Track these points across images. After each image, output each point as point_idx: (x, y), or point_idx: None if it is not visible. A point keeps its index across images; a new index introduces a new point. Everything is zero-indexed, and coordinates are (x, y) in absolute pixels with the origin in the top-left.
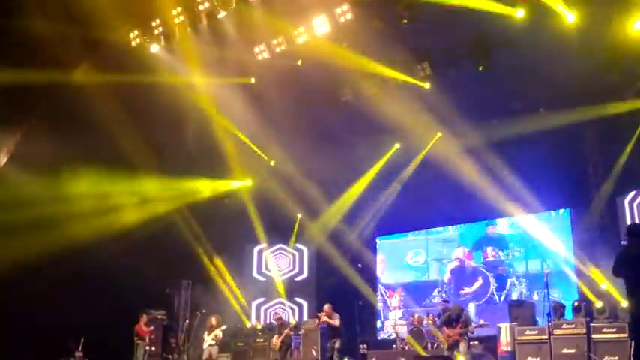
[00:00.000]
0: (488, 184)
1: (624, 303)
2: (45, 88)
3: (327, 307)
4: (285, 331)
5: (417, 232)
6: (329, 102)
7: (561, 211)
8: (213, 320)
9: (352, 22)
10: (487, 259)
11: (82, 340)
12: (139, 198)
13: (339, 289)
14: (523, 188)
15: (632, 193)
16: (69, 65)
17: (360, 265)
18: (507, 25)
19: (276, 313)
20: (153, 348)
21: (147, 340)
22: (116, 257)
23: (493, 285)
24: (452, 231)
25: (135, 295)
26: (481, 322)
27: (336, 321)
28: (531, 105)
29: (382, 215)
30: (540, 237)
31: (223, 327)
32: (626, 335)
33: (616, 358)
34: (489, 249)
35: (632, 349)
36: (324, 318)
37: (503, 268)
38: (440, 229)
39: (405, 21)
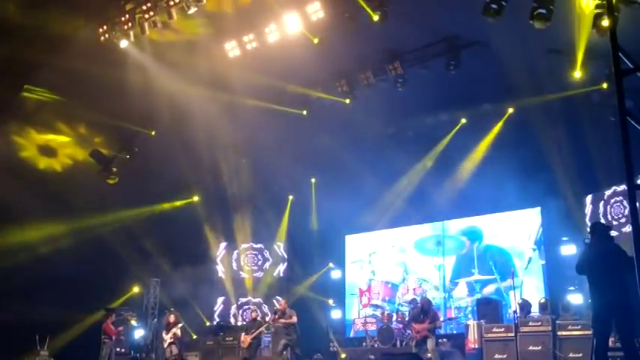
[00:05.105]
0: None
1: (588, 300)
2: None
3: (283, 302)
4: (261, 329)
5: (386, 229)
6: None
7: (532, 209)
8: (172, 317)
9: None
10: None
11: (47, 340)
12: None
13: (309, 288)
14: (494, 186)
15: (600, 192)
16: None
17: (330, 264)
18: (478, 24)
19: (253, 311)
20: (122, 350)
21: (113, 339)
22: (84, 255)
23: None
24: (422, 228)
25: (102, 294)
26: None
27: (293, 318)
28: (500, 103)
29: (351, 212)
30: (511, 233)
31: (180, 324)
32: (590, 332)
33: (580, 355)
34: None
35: (594, 346)
36: (281, 321)
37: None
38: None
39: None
